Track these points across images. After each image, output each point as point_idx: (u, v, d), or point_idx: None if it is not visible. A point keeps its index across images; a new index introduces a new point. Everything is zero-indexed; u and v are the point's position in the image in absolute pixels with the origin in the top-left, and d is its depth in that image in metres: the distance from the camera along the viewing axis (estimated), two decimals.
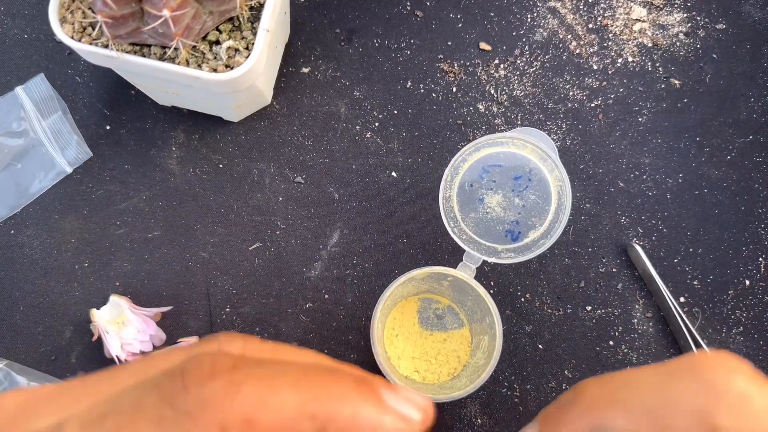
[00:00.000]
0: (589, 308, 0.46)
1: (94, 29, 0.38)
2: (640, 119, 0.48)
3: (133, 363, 0.19)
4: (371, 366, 0.45)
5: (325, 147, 0.48)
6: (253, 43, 0.38)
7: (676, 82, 0.49)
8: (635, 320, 0.46)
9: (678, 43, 0.50)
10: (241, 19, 0.38)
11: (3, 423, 0.17)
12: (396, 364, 0.43)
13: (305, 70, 0.49)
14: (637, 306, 0.46)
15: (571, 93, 0.49)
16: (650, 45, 0.50)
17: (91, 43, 0.38)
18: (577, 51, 0.49)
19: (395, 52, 0.49)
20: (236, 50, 0.38)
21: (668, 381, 0.21)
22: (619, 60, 0.49)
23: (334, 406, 0.16)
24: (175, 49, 0.36)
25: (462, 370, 0.43)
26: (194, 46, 0.38)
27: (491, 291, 0.46)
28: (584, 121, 0.48)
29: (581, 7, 0.50)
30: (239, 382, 0.16)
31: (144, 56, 0.38)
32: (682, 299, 0.46)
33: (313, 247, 0.47)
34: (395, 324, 0.44)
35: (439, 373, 0.43)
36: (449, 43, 0.49)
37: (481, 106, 0.48)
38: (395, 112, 0.48)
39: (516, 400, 0.45)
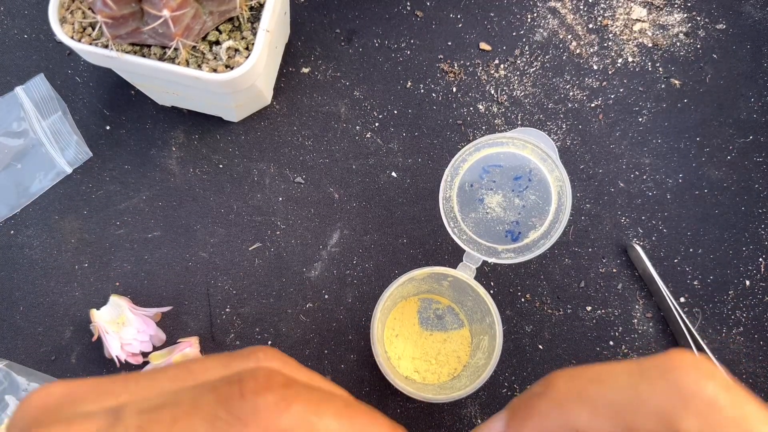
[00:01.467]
0: (589, 308, 0.46)
1: (94, 29, 0.38)
2: (640, 119, 0.48)
3: (171, 369, 0.20)
4: (372, 366, 0.45)
5: (325, 147, 0.48)
6: (253, 44, 0.38)
7: (677, 82, 0.49)
8: (635, 320, 0.46)
9: (678, 43, 0.50)
10: (241, 20, 0.38)
11: (51, 408, 0.19)
12: (396, 365, 0.43)
13: (305, 70, 0.49)
14: (637, 306, 0.46)
15: (571, 93, 0.49)
16: (650, 45, 0.50)
17: (91, 44, 0.38)
18: (578, 51, 0.49)
19: (395, 52, 0.49)
20: (236, 50, 0.38)
21: (638, 380, 0.20)
22: (620, 60, 0.49)
23: None
24: (175, 49, 0.36)
25: (462, 371, 0.43)
26: (194, 47, 0.38)
27: (491, 291, 0.46)
28: (584, 122, 0.48)
29: (581, 7, 0.50)
30: (290, 399, 0.17)
31: (144, 56, 0.38)
32: (682, 299, 0.46)
33: (313, 247, 0.47)
34: (395, 324, 0.44)
35: (439, 374, 0.43)
36: (449, 43, 0.49)
37: (481, 106, 0.48)
38: (395, 112, 0.48)
39: None
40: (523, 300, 0.46)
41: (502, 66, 0.49)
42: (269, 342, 0.45)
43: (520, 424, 0.22)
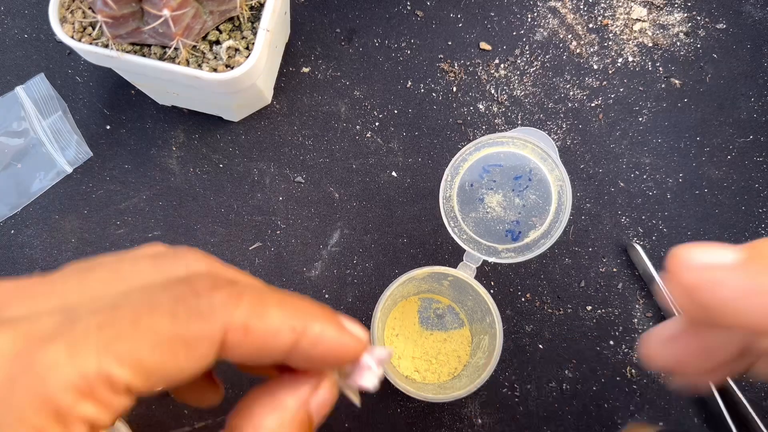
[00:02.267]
0: (589, 308, 0.46)
1: (94, 29, 0.38)
2: (640, 119, 0.48)
3: (96, 271, 0.21)
4: None
5: (325, 147, 0.48)
6: (253, 43, 0.38)
7: (677, 81, 0.49)
8: (635, 320, 0.46)
9: (678, 43, 0.50)
10: (241, 19, 0.38)
11: None
12: (396, 364, 0.43)
13: (305, 69, 0.49)
14: (637, 306, 0.46)
15: (571, 93, 0.49)
16: (650, 45, 0.50)
17: (91, 43, 0.38)
18: (578, 51, 0.49)
19: (395, 52, 0.49)
20: (236, 50, 0.38)
21: None
22: (620, 60, 0.49)
23: (309, 323, 0.20)
24: (175, 48, 0.36)
25: (462, 370, 0.43)
26: (194, 46, 0.38)
27: (491, 291, 0.46)
28: (584, 121, 0.48)
29: (581, 6, 0.50)
30: (239, 295, 0.19)
31: (144, 56, 0.38)
32: None
33: (314, 246, 0.47)
34: (395, 324, 0.44)
35: (439, 373, 0.43)
36: (449, 43, 0.49)
37: (481, 106, 0.48)
38: (395, 111, 0.48)
39: (516, 399, 0.45)
40: (523, 299, 0.46)
41: (502, 65, 0.49)
42: None
43: (759, 271, 0.19)
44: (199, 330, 0.18)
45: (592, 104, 0.49)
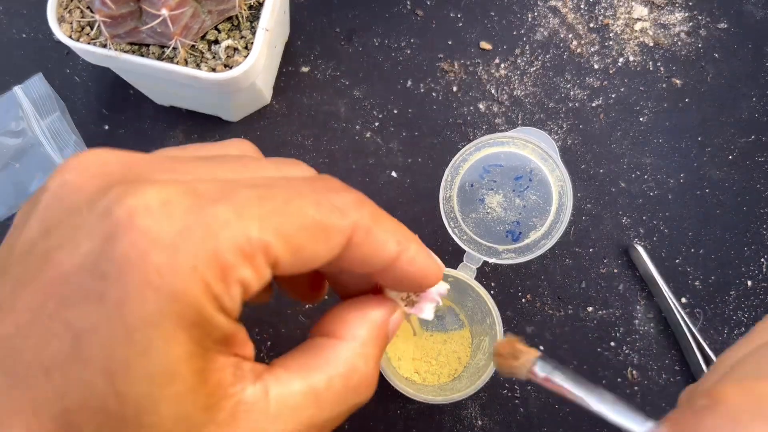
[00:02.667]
0: (590, 309, 0.46)
1: (92, 29, 0.38)
2: (641, 119, 0.48)
3: (225, 162, 0.21)
4: None
5: (324, 147, 0.48)
6: (252, 43, 0.38)
7: (678, 81, 0.49)
8: (636, 321, 0.45)
9: (679, 43, 0.49)
10: (240, 19, 0.38)
11: (117, 173, 0.19)
12: (396, 366, 0.43)
13: (305, 69, 0.49)
14: (638, 307, 0.46)
15: (572, 93, 0.48)
16: (651, 44, 0.49)
17: (89, 43, 0.38)
18: (578, 50, 0.49)
19: (395, 52, 0.49)
20: (235, 49, 0.38)
21: None
22: (620, 59, 0.49)
23: (410, 242, 0.23)
24: (174, 48, 0.36)
25: (463, 371, 0.43)
26: (193, 46, 0.37)
27: (491, 292, 0.45)
28: (585, 121, 0.48)
29: (582, 6, 0.50)
30: (363, 201, 0.22)
31: (142, 56, 0.38)
32: (683, 300, 0.46)
33: None
34: None
35: (439, 375, 0.43)
36: (449, 43, 0.49)
37: (481, 106, 0.48)
38: (395, 111, 0.48)
39: (517, 401, 0.44)
40: (523, 300, 0.46)
41: (502, 65, 0.49)
42: (269, 343, 0.45)
43: None
44: (337, 221, 0.19)
45: (593, 104, 0.48)
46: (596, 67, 0.49)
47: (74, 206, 0.18)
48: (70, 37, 0.38)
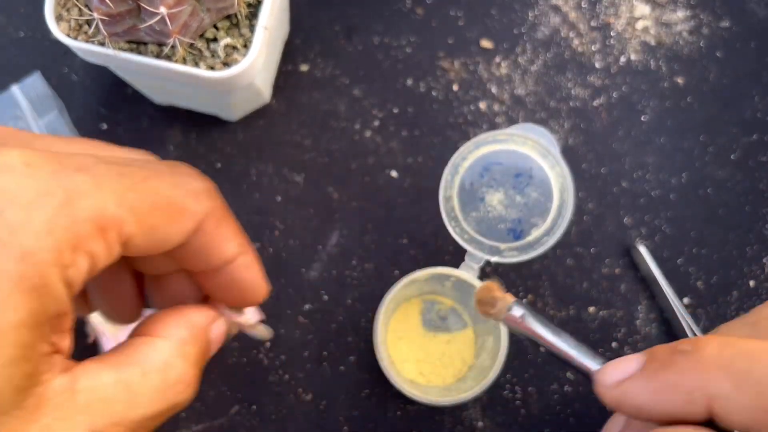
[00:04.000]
0: (592, 309, 0.45)
1: (90, 27, 0.37)
2: (643, 118, 0.48)
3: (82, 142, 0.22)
4: (372, 368, 0.44)
5: (324, 146, 0.47)
6: (251, 41, 0.38)
7: (680, 80, 0.49)
8: (638, 321, 0.45)
9: (682, 41, 0.49)
10: (239, 17, 0.38)
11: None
12: (400, 368, 0.43)
13: (304, 68, 0.48)
14: (640, 307, 0.45)
15: (573, 91, 0.48)
16: (654, 43, 0.49)
17: (87, 41, 0.37)
18: (580, 49, 0.49)
19: (395, 50, 0.49)
20: (234, 48, 0.38)
21: None
22: (622, 58, 0.49)
23: (249, 250, 0.24)
24: (172, 46, 0.36)
25: (467, 372, 0.42)
26: (191, 44, 0.37)
27: None
28: (587, 120, 0.48)
29: (584, 4, 0.50)
30: (217, 192, 0.23)
31: (140, 54, 0.37)
32: (686, 300, 0.45)
33: (312, 247, 0.46)
34: (398, 327, 0.44)
35: (444, 376, 0.43)
36: (450, 41, 0.49)
37: (482, 105, 0.48)
38: (395, 110, 0.48)
39: (518, 402, 0.44)
40: (525, 301, 0.45)
41: (503, 64, 0.49)
42: (268, 343, 0.45)
43: (655, 371, 0.23)
44: (191, 204, 0.20)
45: (595, 103, 0.48)
46: (598, 65, 0.49)
47: None
48: (68, 35, 0.37)
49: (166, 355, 0.21)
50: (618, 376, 0.24)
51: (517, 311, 0.29)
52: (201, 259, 0.22)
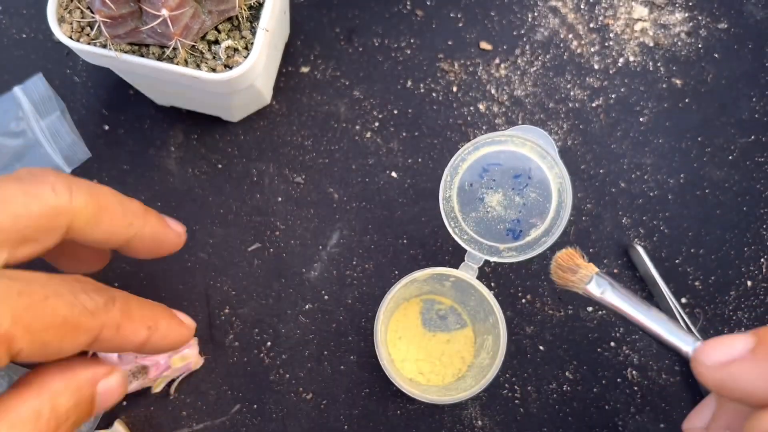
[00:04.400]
0: (590, 309, 0.46)
1: (92, 29, 0.38)
2: (641, 119, 0.48)
3: None
4: (372, 367, 0.45)
5: (324, 147, 0.48)
6: (252, 43, 0.38)
7: (678, 81, 0.49)
8: None
9: (680, 43, 0.49)
10: (240, 19, 0.38)
11: None
12: (400, 367, 0.43)
13: (305, 69, 0.49)
14: None
15: (572, 93, 0.48)
16: (652, 44, 0.49)
17: (89, 43, 0.38)
18: (579, 50, 0.49)
19: (395, 52, 0.49)
20: (235, 50, 0.38)
21: None
22: (621, 60, 0.49)
23: (158, 322, 0.27)
24: (174, 48, 0.36)
25: (467, 371, 0.43)
26: (193, 46, 0.37)
27: (492, 292, 0.45)
28: (585, 121, 0.48)
29: (582, 6, 0.50)
30: (113, 300, 0.25)
31: (142, 56, 0.37)
32: (683, 300, 0.46)
33: (313, 247, 0.46)
34: (398, 326, 0.44)
35: (443, 375, 0.43)
36: (449, 43, 0.49)
37: (481, 106, 0.48)
38: (395, 111, 0.48)
39: (517, 401, 0.44)
40: (523, 301, 0.46)
41: (502, 65, 0.49)
42: (268, 343, 0.45)
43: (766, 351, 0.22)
44: (87, 321, 0.22)
45: (593, 104, 0.48)
46: (596, 67, 0.49)
47: None
48: (70, 37, 0.38)
49: (36, 406, 0.22)
50: (722, 357, 0.23)
51: (598, 285, 0.26)
52: (112, 351, 0.25)
